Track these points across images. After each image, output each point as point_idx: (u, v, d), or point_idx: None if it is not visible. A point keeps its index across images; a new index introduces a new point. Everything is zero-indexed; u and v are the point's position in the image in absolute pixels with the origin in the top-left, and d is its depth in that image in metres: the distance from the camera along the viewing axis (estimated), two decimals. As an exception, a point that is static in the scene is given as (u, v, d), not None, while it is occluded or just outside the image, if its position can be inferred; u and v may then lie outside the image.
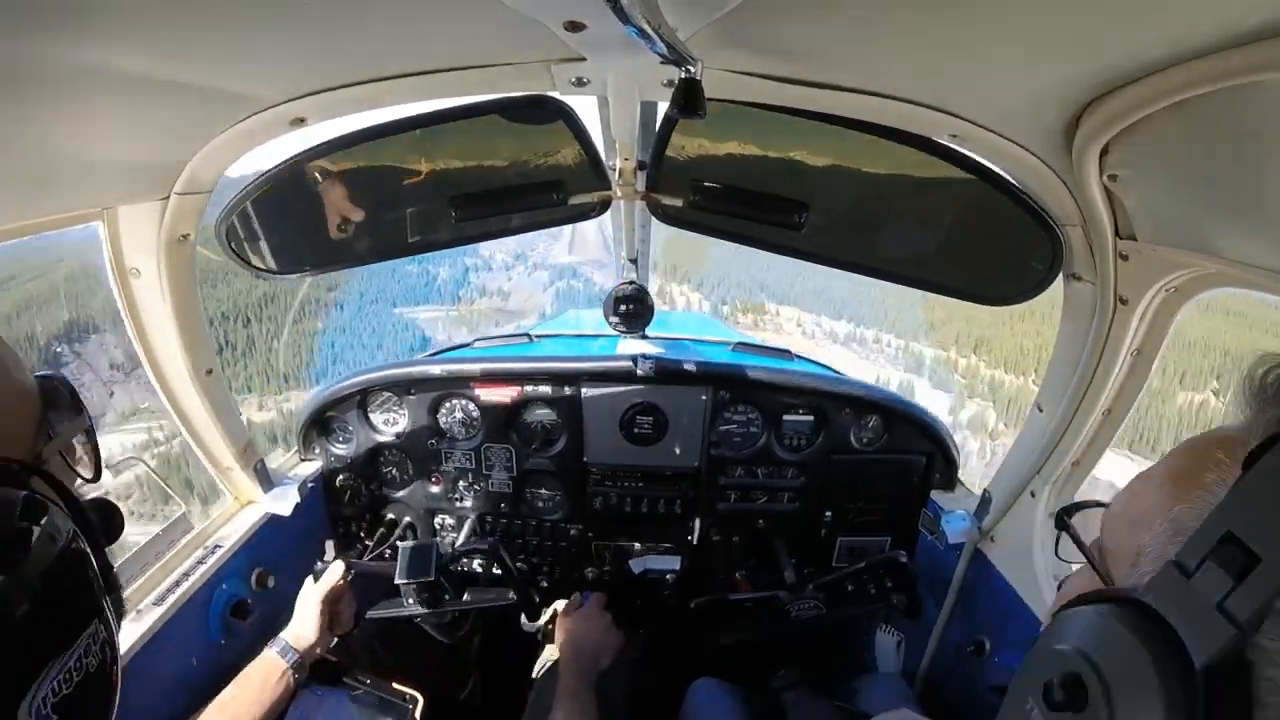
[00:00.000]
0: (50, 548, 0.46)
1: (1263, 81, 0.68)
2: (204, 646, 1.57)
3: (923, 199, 1.45)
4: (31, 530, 0.45)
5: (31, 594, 0.44)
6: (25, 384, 0.57)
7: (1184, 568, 0.42)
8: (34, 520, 0.46)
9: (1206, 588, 0.40)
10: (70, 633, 0.48)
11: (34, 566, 0.45)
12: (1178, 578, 0.43)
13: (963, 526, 1.83)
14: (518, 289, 73.74)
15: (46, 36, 0.74)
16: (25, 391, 0.57)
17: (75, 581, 0.49)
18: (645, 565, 2.18)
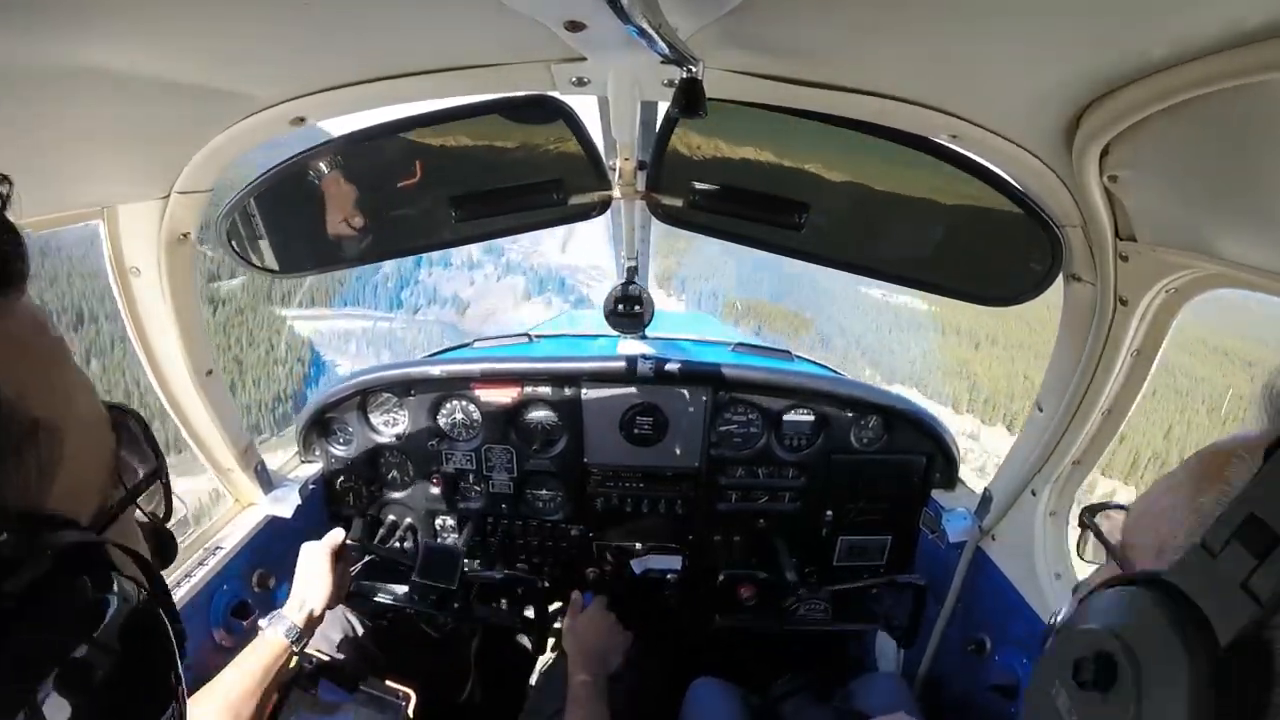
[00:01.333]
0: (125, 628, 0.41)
1: (1263, 82, 0.68)
2: (205, 647, 1.57)
3: (923, 199, 1.45)
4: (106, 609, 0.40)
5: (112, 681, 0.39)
6: (101, 420, 0.49)
7: (1209, 549, 0.43)
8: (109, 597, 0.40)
9: (1231, 567, 0.41)
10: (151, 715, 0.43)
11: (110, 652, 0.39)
12: (1203, 558, 0.43)
13: (963, 526, 1.83)
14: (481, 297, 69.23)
15: (46, 36, 0.74)
16: (101, 431, 0.49)
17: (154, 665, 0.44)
18: (646, 565, 2.18)
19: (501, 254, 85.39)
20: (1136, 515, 0.59)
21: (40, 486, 0.39)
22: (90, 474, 0.46)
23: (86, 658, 0.37)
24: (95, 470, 0.47)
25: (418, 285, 76.44)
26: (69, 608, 0.38)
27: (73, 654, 0.37)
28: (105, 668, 0.38)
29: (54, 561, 0.37)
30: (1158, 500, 0.57)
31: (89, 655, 0.38)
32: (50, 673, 0.35)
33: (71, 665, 0.37)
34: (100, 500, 0.47)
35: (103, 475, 0.48)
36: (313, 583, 1.53)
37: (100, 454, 0.48)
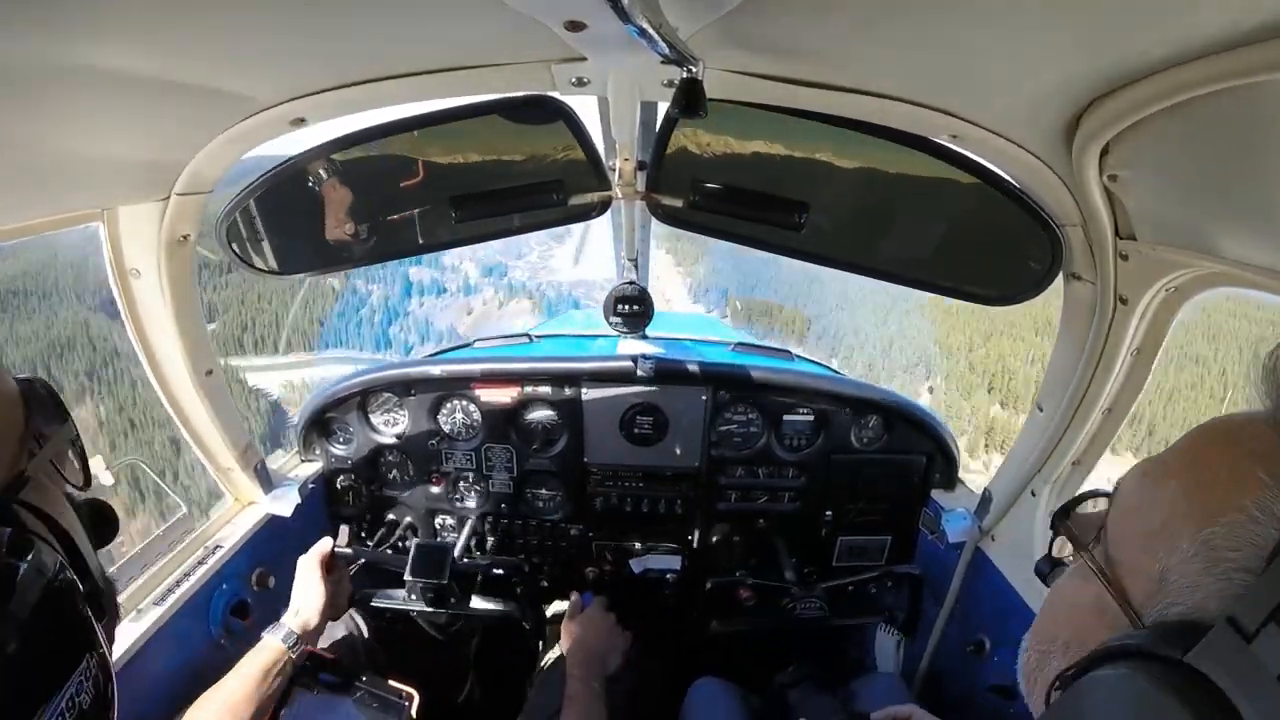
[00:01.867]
0: (35, 586, 0.43)
1: (1263, 82, 0.68)
2: (204, 646, 1.57)
3: (923, 199, 1.45)
4: (16, 568, 0.42)
5: (17, 639, 0.41)
6: (8, 390, 0.53)
7: (1242, 629, 0.37)
8: (18, 557, 0.43)
9: (1269, 655, 0.36)
10: (61, 673, 0.45)
11: (18, 609, 0.41)
12: (1235, 640, 0.37)
13: (963, 526, 1.83)
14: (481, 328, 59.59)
15: (46, 36, 0.74)
16: (9, 400, 0.52)
17: (64, 618, 0.46)
18: (646, 565, 2.18)
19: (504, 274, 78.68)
20: (1124, 523, 0.52)
21: None
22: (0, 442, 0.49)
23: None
24: (5, 437, 0.50)
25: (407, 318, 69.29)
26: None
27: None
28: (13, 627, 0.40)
29: None
30: (1149, 508, 0.50)
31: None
32: None
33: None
34: (10, 467, 0.50)
35: (11, 443, 0.51)
36: (306, 595, 1.56)
37: (10, 421, 0.51)
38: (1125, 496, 0.54)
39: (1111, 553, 0.51)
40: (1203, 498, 0.45)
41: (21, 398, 0.54)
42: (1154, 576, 0.46)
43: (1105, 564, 0.52)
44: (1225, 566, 0.41)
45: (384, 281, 67.95)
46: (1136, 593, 0.48)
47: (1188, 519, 0.45)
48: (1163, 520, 0.47)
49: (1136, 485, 0.53)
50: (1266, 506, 0.40)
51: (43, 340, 43.15)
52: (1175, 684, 0.39)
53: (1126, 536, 0.51)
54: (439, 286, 74.41)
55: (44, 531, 0.48)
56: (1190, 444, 0.50)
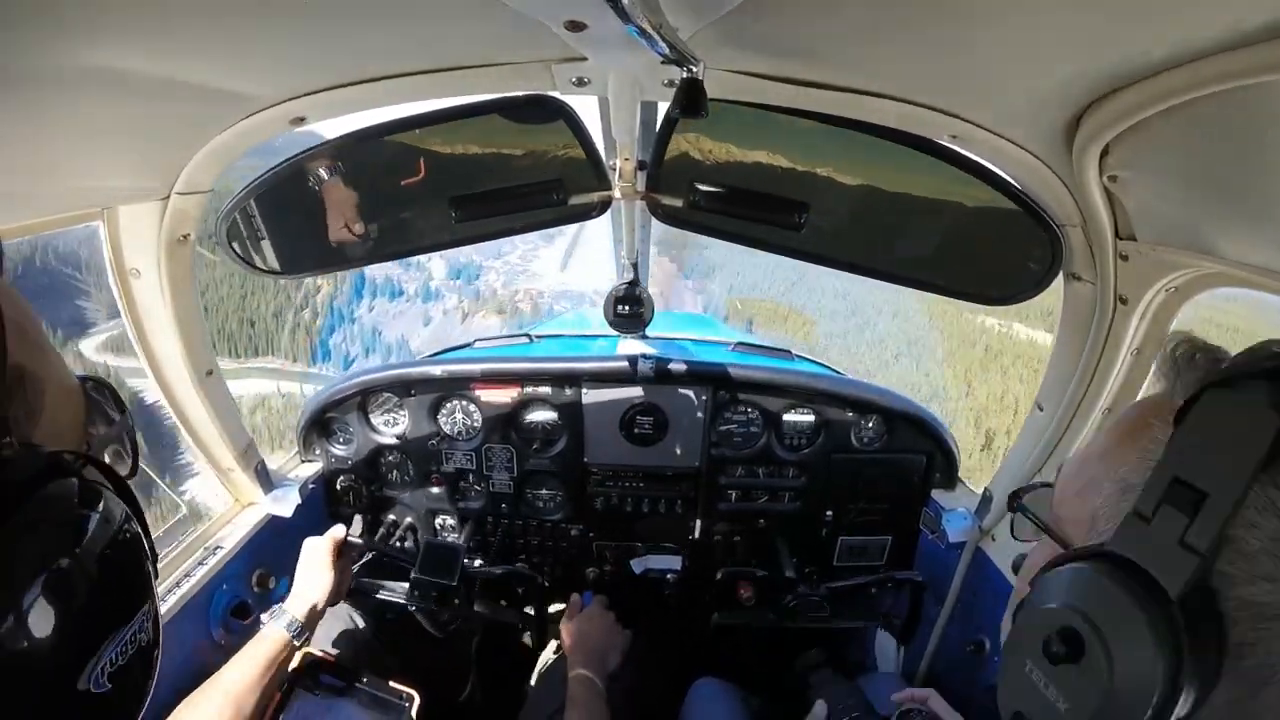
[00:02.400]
0: (108, 531, 0.49)
1: (1263, 84, 0.68)
2: (204, 647, 1.57)
3: (923, 199, 1.45)
4: (90, 515, 0.48)
5: (96, 572, 0.47)
6: (72, 382, 0.58)
7: (1143, 516, 0.47)
8: (91, 506, 0.49)
9: (1166, 529, 0.45)
10: (129, 608, 0.51)
11: (96, 548, 0.48)
12: (1139, 525, 0.47)
13: (964, 525, 1.83)
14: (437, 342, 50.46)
15: (46, 36, 0.74)
16: (73, 390, 0.58)
17: (133, 561, 0.52)
18: (646, 565, 2.18)
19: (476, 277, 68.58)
20: (1063, 490, 0.63)
21: (27, 425, 0.48)
22: (64, 428, 0.55)
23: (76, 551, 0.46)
24: (68, 425, 0.56)
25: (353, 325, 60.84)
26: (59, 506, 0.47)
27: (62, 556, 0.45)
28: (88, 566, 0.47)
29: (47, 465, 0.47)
30: (1080, 473, 0.60)
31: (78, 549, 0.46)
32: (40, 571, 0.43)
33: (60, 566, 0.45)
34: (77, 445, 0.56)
35: (75, 431, 0.57)
36: (314, 577, 1.53)
37: (73, 412, 0.57)
38: (1062, 474, 0.65)
39: (1057, 513, 0.63)
40: (1116, 450, 0.57)
41: (83, 393, 0.60)
42: (1086, 520, 0.56)
43: (1053, 523, 0.63)
44: (1133, 490, 0.51)
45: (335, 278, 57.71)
46: (1076, 538, 0.58)
47: (1106, 467, 0.56)
48: (1090, 476, 0.58)
49: (1070, 463, 0.65)
50: (1158, 439, 0.51)
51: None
52: (1101, 565, 0.49)
53: (1066, 497, 0.62)
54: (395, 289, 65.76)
55: (109, 485, 0.53)
56: (1108, 425, 0.63)
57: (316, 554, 1.57)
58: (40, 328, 0.53)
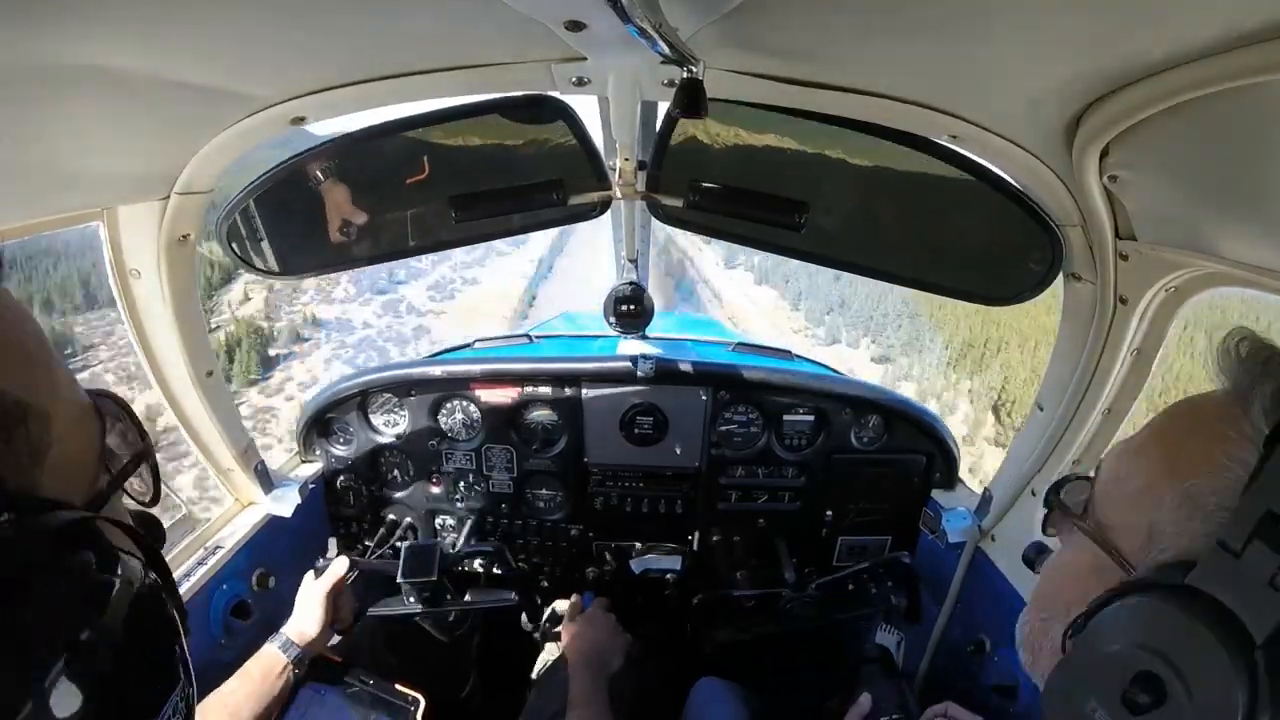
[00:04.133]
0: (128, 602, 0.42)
1: (1263, 83, 0.68)
2: (204, 646, 1.57)
3: (923, 199, 1.45)
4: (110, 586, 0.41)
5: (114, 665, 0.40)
6: (86, 407, 0.51)
7: (1230, 549, 0.43)
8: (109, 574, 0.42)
9: (1257, 567, 0.42)
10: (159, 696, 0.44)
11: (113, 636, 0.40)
12: (1226, 559, 0.43)
13: (963, 526, 1.83)
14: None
15: (46, 36, 0.74)
16: (86, 414, 0.50)
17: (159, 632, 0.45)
18: (646, 565, 2.18)
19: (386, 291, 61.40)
20: (1110, 492, 0.58)
21: (32, 470, 0.41)
22: (79, 458, 0.48)
23: (94, 636, 0.38)
24: (83, 454, 0.49)
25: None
26: (71, 586, 0.39)
27: (80, 633, 0.38)
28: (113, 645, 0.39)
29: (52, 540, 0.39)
30: (1131, 477, 0.56)
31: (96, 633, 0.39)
32: (58, 654, 0.36)
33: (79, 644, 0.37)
34: (90, 484, 0.49)
35: (91, 459, 0.50)
36: (308, 619, 1.54)
37: (87, 439, 0.50)
38: (1106, 471, 0.60)
39: (1100, 519, 0.58)
40: (1179, 457, 0.52)
41: (96, 413, 0.52)
42: (1143, 531, 0.52)
43: (1096, 529, 0.58)
44: (1207, 509, 0.48)
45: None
46: (1128, 548, 0.54)
47: (1168, 476, 0.51)
48: (1145, 483, 0.54)
49: (1116, 460, 0.60)
50: (1233, 455, 0.47)
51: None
52: (1181, 603, 0.45)
53: (1113, 502, 0.57)
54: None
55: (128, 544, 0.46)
56: (1160, 421, 0.57)
57: (311, 594, 1.59)
58: (43, 343, 0.46)
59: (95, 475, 0.50)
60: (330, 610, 1.57)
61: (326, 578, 1.61)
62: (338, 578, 1.62)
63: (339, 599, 1.62)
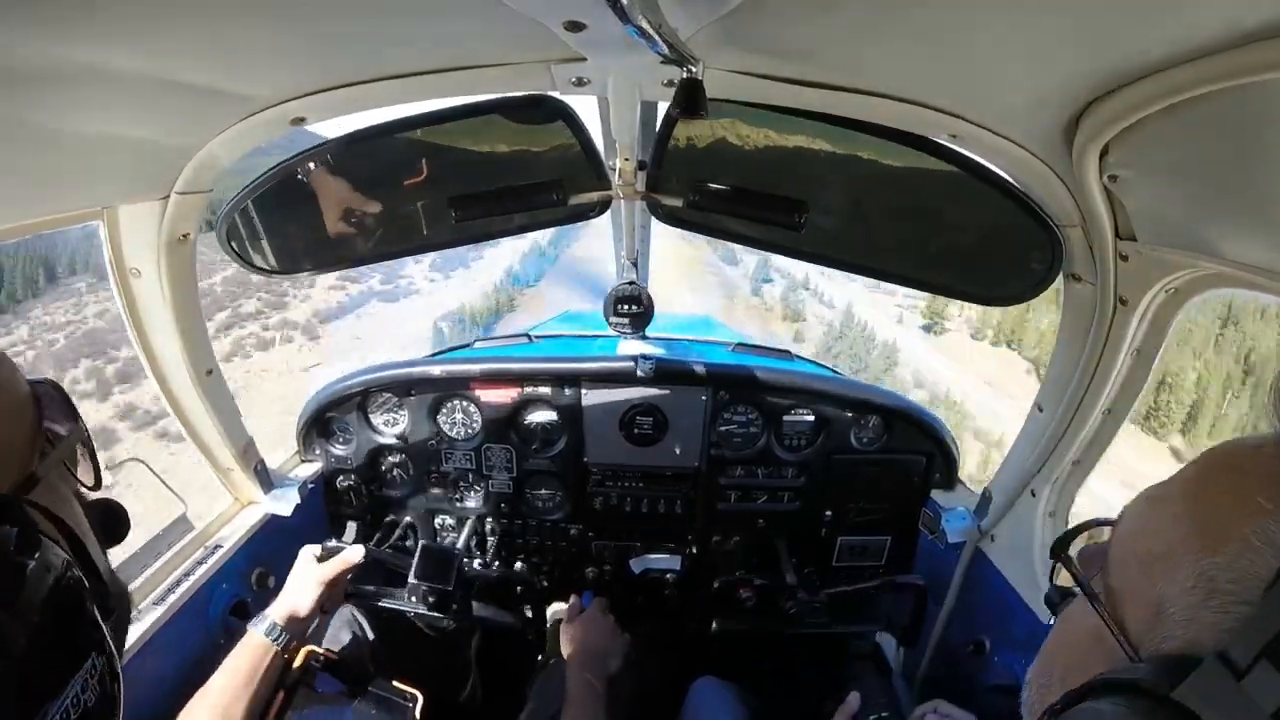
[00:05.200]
0: (42, 585, 0.43)
1: (1263, 82, 0.68)
2: (204, 646, 1.57)
3: (922, 199, 1.45)
4: (24, 566, 0.43)
5: (22, 636, 0.41)
6: (21, 392, 0.53)
7: (1233, 665, 0.36)
8: (26, 555, 0.43)
9: (1259, 693, 0.35)
10: (65, 672, 0.45)
11: (24, 608, 0.42)
12: (1226, 677, 0.37)
13: (963, 526, 1.83)
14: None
15: (46, 36, 0.74)
16: (21, 401, 0.53)
17: (70, 617, 0.46)
18: (645, 565, 2.18)
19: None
20: (1124, 548, 0.51)
21: None
22: (10, 442, 0.50)
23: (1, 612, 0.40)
24: (12, 438, 0.51)
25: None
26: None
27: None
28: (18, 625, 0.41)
29: None
30: (1150, 536, 0.48)
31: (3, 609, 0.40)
32: None
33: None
34: (21, 467, 0.51)
35: (22, 443, 0.52)
36: (301, 591, 1.51)
37: (18, 424, 0.52)
38: (1128, 522, 0.52)
39: (1112, 581, 0.50)
40: (1204, 525, 0.44)
41: (33, 399, 0.54)
42: (1152, 606, 0.45)
43: (1105, 593, 0.50)
44: (1222, 599, 0.40)
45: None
46: (1135, 622, 0.46)
47: (1188, 547, 0.43)
48: (1164, 547, 0.46)
49: (1140, 510, 0.51)
50: (1267, 534, 0.39)
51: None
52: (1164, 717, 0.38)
53: (1127, 563, 0.49)
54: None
55: (52, 531, 0.48)
56: (1197, 470, 0.48)
57: (307, 563, 1.57)
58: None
59: (28, 459, 0.52)
60: (326, 595, 1.55)
61: (336, 563, 1.58)
62: (346, 566, 1.60)
63: (337, 585, 1.60)
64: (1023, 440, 1.62)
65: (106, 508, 0.60)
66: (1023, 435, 1.62)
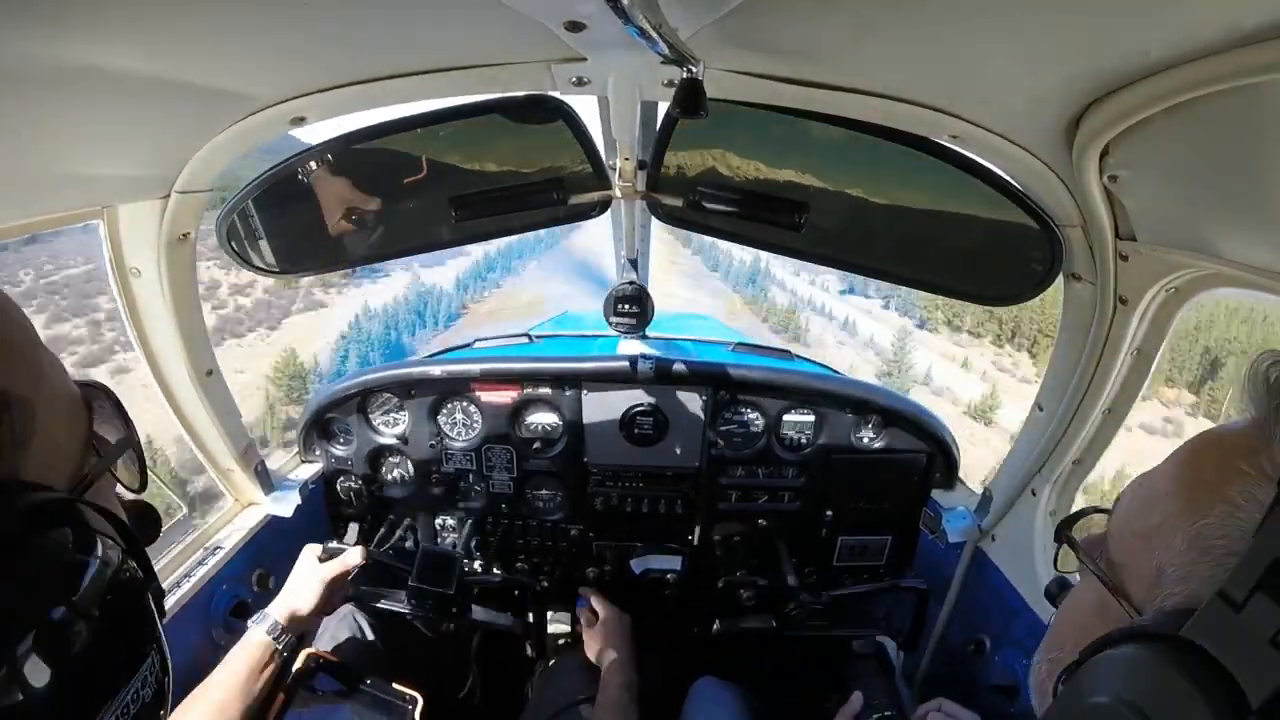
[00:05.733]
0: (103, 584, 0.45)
1: (1263, 83, 0.68)
2: (204, 647, 1.57)
3: (922, 199, 1.45)
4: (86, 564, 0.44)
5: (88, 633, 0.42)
6: (73, 396, 0.53)
7: (1231, 600, 0.40)
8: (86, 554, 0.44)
9: (1258, 622, 0.38)
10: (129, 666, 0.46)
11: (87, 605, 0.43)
12: (1225, 611, 0.40)
13: (963, 526, 1.83)
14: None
15: (46, 36, 0.74)
16: (73, 405, 0.53)
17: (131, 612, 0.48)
18: (646, 565, 2.18)
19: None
20: (1121, 527, 0.54)
21: (14, 456, 0.44)
22: (63, 445, 0.51)
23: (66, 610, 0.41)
24: (68, 441, 0.51)
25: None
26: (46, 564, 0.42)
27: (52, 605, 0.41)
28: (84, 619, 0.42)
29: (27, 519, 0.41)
30: (1145, 514, 0.52)
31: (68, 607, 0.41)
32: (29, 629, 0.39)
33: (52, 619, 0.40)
34: (75, 470, 0.51)
35: (76, 447, 0.52)
36: (302, 584, 1.53)
37: (73, 427, 0.52)
38: (1124, 505, 0.56)
39: (1113, 557, 0.54)
40: (1192, 495, 0.48)
41: (84, 403, 0.55)
42: (1151, 573, 0.49)
43: (1108, 567, 0.54)
44: (1216, 553, 0.44)
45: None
46: (1136, 591, 0.50)
47: (1180, 515, 0.48)
48: (1158, 520, 0.50)
49: (1134, 493, 0.56)
50: (1249, 494, 0.43)
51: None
52: (1173, 657, 0.41)
53: (1125, 540, 0.54)
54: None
55: (108, 529, 0.49)
56: (1180, 452, 0.53)
57: (309, 563, 1.58)
58: (28, 335, 0.49)
59: (81, 462, 0.52)
60: (327, 596, 1.56)
61: (335, 565, 1.60)
62: (347, 567, 1.61)
63: (338, 586, 1.61)
64: (1023, 440, 1.62)
65: (140, 509, 0.61)
66: (1023, 435, 1.62)
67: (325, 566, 1.58)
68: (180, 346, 1.49)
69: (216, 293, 72.71)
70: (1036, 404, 1.56)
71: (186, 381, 1.54)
